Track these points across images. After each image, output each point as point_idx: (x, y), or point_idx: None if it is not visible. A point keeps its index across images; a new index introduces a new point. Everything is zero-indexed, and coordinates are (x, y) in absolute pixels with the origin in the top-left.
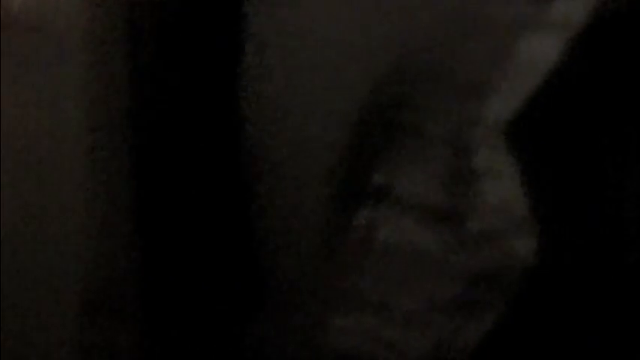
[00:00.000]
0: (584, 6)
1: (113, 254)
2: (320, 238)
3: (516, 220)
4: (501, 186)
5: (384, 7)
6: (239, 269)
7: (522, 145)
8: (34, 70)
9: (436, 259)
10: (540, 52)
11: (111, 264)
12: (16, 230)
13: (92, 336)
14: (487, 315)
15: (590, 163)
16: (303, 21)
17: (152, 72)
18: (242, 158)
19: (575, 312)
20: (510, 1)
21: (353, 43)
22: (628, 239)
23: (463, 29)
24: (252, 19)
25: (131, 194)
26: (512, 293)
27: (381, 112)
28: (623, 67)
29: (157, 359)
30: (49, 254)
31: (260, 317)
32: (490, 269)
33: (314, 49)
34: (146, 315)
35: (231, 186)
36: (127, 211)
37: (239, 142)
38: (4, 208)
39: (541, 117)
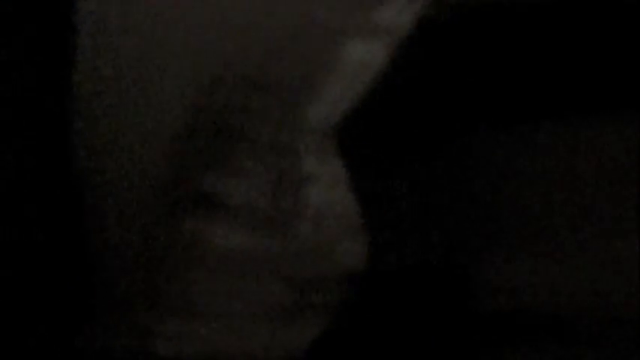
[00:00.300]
0: (408, 12)
1: None
2: (150, 245)
3: (345, 225)
4: (329, 191)
5: (211, 15)
6: (69, 276)
7: (350, 150)
8: None
9: (265, 265)
10: (366, 57)
11: None
12: None
13: None
14: (317, 319)
15: (416, 166)
16: (134, 27)
17: None
18: (71, 163)
19: (402, 315)
20: (336, 7)
21: (181, 50)
22: (453, 242)
23: (290, 36)
24: (83, 23)
25: None
26: (341, 297)
27: (209, 119)
28: (447, 72)
29: None
30: None
31: (91, 324)
32: (319, 274)
33: (143, 55)
34: None
35: (61, 192)
36: None
37: (68, 147)
38: None
39: (368, 121)
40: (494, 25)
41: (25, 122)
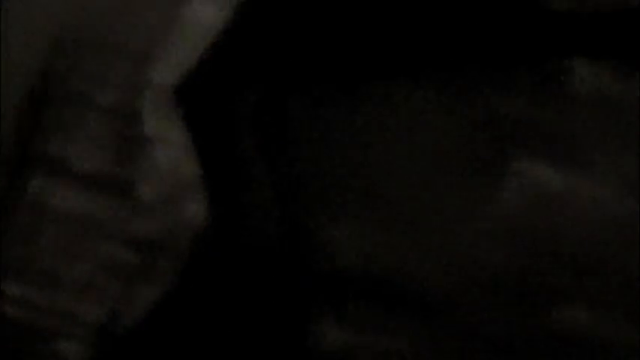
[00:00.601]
0: None
1: None
2: None
3: (186, 185)
4: (170, 151)
5: None
6: None
7: (189, 110)
8: None
9: (108, 227)
10: (204, 17)
11: None
12: None
13: None
14: (160, 279)
15: (255, 126)
16: None
17: None
18: None
19: (242, 274)
20: None
21: (22, 14)
22: (290, 202)
23: None
24: None
25: None
26: (183, 257)
27: (52, 83)
28: (285, 32)
29: None
30: None
31: None
32: (161, 234)
33: None
34: None
35: None
36: None
37: None
38: None
39: (207, 82)
40: None
41: None
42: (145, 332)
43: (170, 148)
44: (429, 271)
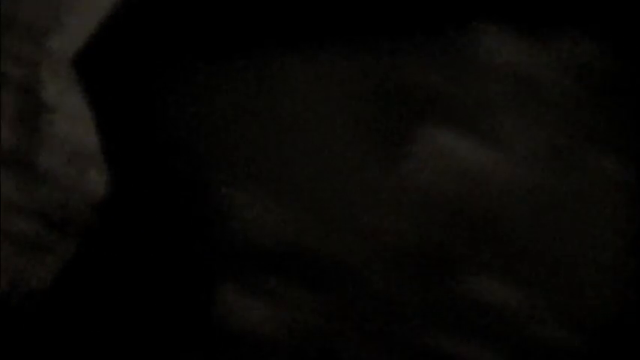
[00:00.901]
0: None
1: None
2: None
3: (87, 156)
4: (70, 122)
5: None
6: None
7: (89, 80)
8: None
9: (10, 198)
10: None
11: None
12: None
13: None
14: (62, 250)
15: (154, 96)
16: None
17: None
18: None
19: (146, 245)
20: None
21: None
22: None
23: None
24: None
25: None
26: (86, 227)
27: None
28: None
29: None
30: None
31: None
32: (62, 204)
33: None
34: None
35: None
36: None
37: None
38: None
39: (106, 52)
40: None
41: None
42: (47, 303)
43: (70, 119)
44: (339, 243)
